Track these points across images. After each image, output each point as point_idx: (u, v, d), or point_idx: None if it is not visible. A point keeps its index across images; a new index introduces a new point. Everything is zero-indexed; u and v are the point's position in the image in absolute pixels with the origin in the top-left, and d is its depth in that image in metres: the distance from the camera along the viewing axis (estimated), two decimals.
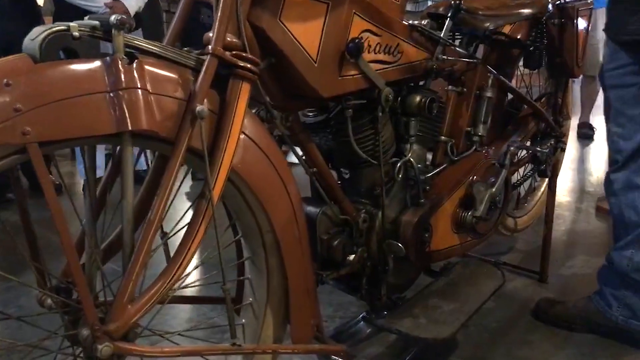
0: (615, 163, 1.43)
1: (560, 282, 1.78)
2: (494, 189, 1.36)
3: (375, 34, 1.05)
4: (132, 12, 2.60)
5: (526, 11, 1.40)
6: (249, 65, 0.82)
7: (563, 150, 1.77)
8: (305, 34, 0.92)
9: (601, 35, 3.65)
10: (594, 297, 1.50)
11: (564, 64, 1.67)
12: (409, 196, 1.25)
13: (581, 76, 3.98)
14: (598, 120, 3.90)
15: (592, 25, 3.63)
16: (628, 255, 1.40)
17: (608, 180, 1.47)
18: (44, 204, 0.65)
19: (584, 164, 3.38)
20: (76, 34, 0.68)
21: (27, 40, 0.68)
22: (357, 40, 0.97)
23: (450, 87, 1.41)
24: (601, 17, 3.72)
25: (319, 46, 0.94)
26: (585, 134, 3.88)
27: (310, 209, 1.12)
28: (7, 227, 0.78)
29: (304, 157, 1.09)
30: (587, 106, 3.89)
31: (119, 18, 0.69)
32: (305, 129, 1.08)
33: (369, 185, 1.19)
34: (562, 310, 1.53)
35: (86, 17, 0.74)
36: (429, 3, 3.48)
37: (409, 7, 3.55)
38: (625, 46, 1.32)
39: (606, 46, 1.43)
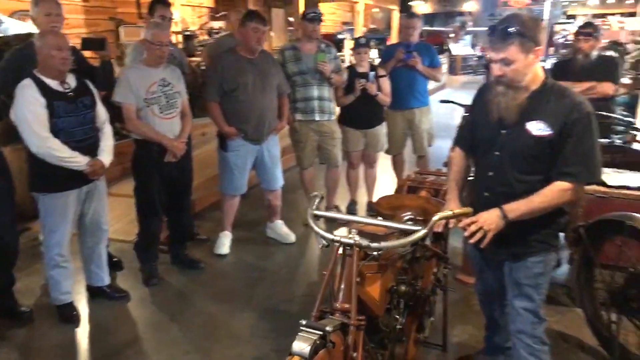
0: None
1: (453, 349, 2.89)
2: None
3: None
4: (107, 164, 3.12)
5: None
6: (362, 323, 1.71)
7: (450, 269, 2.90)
8: (373, 290, 1.83)
9: (427, 126, 5.04)
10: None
11: None
12: None
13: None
14: None
15: (419, 120, 4.97)
16: None
17: None
18: None
19: None
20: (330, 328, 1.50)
21: (295, 346, 1.48)
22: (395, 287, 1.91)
23: None
24: (426, 113, 5.08)
25: (379, 294, 1.86)
26: None
27: None
28: None
29: None
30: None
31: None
32: None
33: None
34: None
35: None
36: None
37: None
38: None
39: None
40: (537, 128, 1.97)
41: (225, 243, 4.18)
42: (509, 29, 1.89)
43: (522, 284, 2.13)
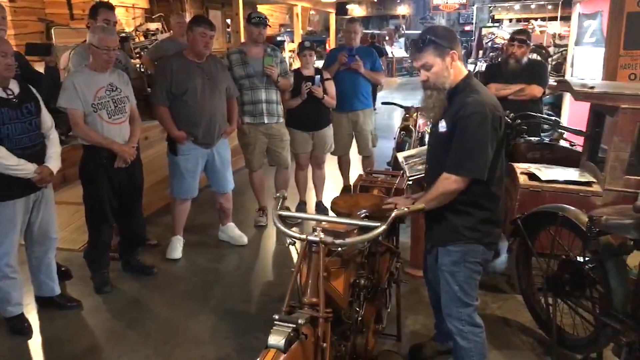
0: None
1: (407, 338, 3.05)
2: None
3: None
4: (55, 171, 3.06)
5: None
6: (329, 315, 1.81)
7: (401, 263, 3.05)
8: (338, 284, 1.94)
9: (371, 127, 5.25)
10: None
11: None
12: None
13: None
14: None
15: (363, 121, 5.15)
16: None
17: None
18: None
19: None
20: (302, 321, 1.59)
21: (271, 339, 1.56)
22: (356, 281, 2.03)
23: None
24: (369, 115, 5.27)
25: (343, 288, 1.97)
26: None
27: None
28: None
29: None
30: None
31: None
32: None
33: None
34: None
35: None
36: None
37: None
38: None
39: None
40: (442, 125, 2.25)
41: (177, 247, 4.17)
42: (423, 39, 2.18)
43: (442, 269, 2.34)
